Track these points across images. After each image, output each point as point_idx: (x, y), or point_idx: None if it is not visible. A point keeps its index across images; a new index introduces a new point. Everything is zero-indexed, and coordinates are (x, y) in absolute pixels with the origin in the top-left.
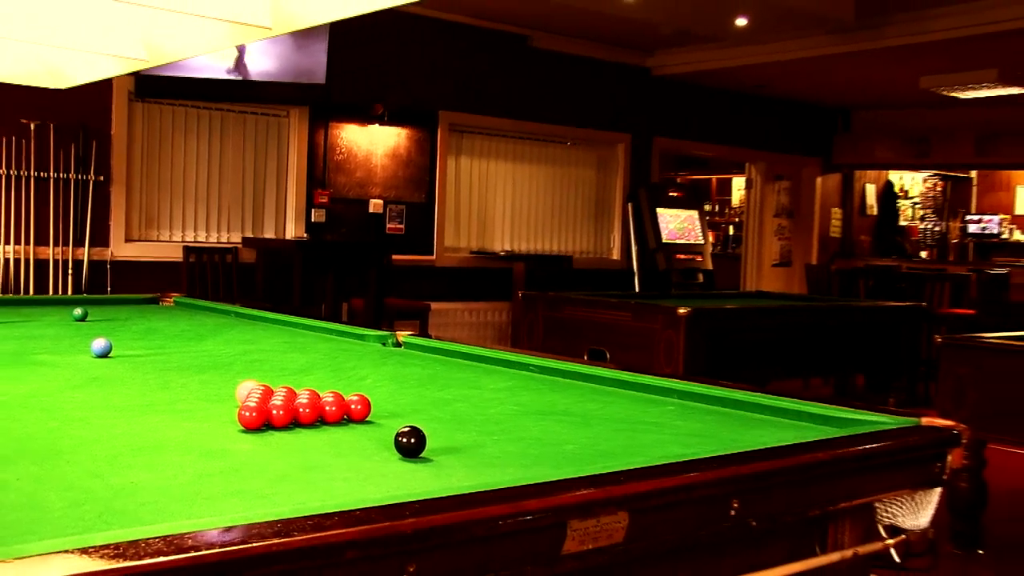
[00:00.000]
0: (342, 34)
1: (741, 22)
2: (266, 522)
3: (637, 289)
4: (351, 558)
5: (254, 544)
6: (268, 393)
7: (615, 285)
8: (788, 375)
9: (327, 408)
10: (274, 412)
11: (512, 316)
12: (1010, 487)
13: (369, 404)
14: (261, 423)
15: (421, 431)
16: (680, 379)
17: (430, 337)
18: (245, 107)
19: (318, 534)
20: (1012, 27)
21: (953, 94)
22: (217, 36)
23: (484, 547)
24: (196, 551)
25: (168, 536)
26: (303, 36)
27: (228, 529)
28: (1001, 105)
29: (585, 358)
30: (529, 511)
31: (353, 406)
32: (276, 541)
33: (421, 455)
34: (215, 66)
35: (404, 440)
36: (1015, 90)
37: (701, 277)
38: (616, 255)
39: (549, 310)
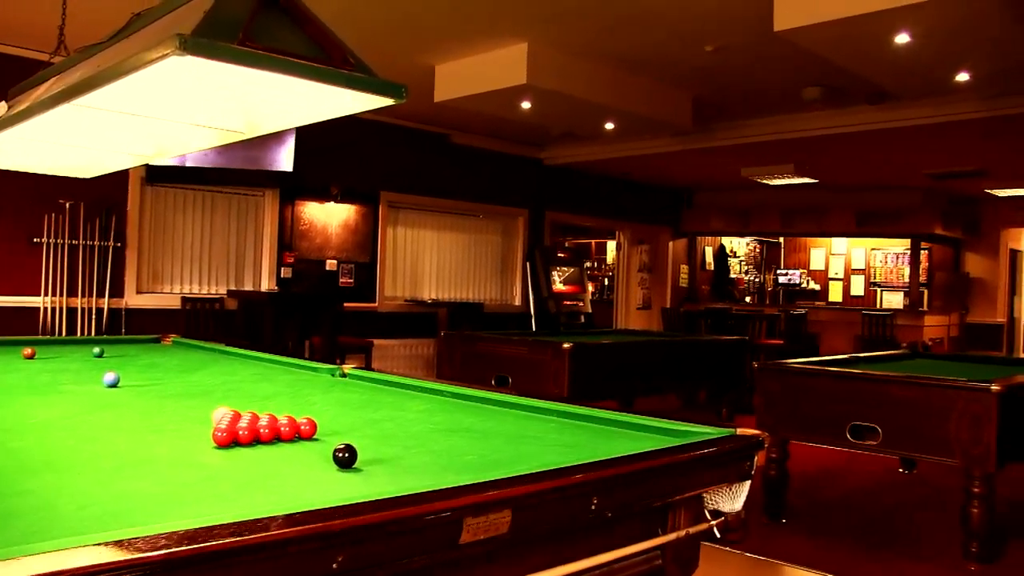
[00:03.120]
0: (305, 131)
1: (609, 126)
2: (225, 524)
3: (534, 328)
4: (293, 552)
5: (215, 542)
6: (237, 417)
7: (517, 325)
8: (649, 392)
9: (282, 429)
10: (240, 432)
11: (437, 350)
12: (804, 471)
13: (315, 425)
14: (230, 441)
15: (354, 447)
16: (559, 401)
17: (370, 369)
18: (230, 189)
19: (266, 533)
20: (802, 136)
21: (764, 181)
22: (203, 138)
23: (398, 540)
24: (167, 549)
25: (147, 536)
26: (279, 133)
27: (195, 530)
28: (798, 190)
29: (492, 384)
30: (433, 511)
31: (303, 427)
32: (231, 540)
33: (354, 466)
34: (208, 156)
35: (340, 454)
36: (806, 180)
37: (583, 318)
38: (518, 302)
39: (465, 345)
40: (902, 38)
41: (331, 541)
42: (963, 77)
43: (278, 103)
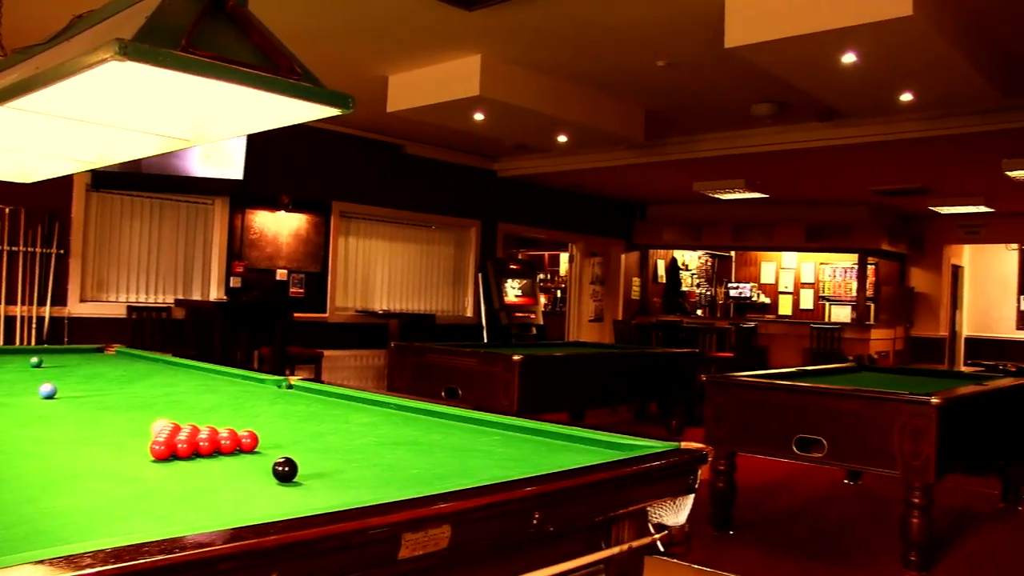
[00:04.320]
0: (257, 140)
1: (562, 139)
2: (155, 541)
3: (486, 340)
4: (224, 569)
5: (142, 560)
6: (176, 429)
7: (469, 337)
8: (600, 405)
9: (223, 441)
10: (179, 446)
11: (388, 361)
12: (753, 483)
13: (257, 438)
14: (168, 455)
15: (293, 461)
16: (506, 414)
17: (319, 380)
18: (179, 197)
19: (197, 551)
20: (753, 151)
21: (715, 195)
22: (149, 145)
23: (334, 556)
24: (91, 568)
25: (70, 556)
26: (228, 141)
27: (121, 548)
28: (749, 205)
29: (442, 396)
30: (370, 527)
31: (244, 440)
32: (160, 558)
33: (294, 480)
34: (157, 163)
35: (279, 468)
36: (757, 195)
37: (535, 330)
38: (470, 313)
39: (415, 357)
40: (849, 58)
41: (264, 558)
42: (907, 97)
43: (224, 111)
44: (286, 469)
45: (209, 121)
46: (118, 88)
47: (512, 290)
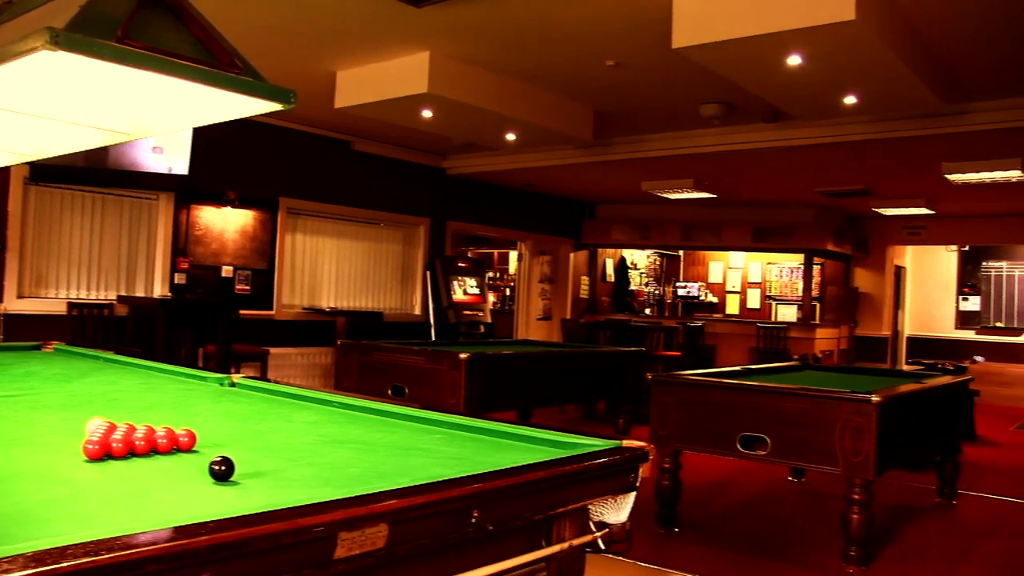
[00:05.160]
0: (203, 134)
1: (511, 137)
2: (80, 543)
3: (433, 338)
4: (152, 571)
5: (66, 564)
6: (111, 428)
7: (417, 335)
8: (548, 403)
9: (159, 440)
10: (113, 445)
11: (334, 359)
12: (698, 481)
13: (195, 436)
14: (102, 455)
15: (231, 460)
16: (449, 413)
17: (265, 379)
18: (122, 191)
19: (123, 552)
20: (701, 151)
21: (664, 195)
22: (88, 138)
23: (268, 556)
24: (11, 573)
25: None
26: (172, 135)
27: (44, 551)
28: (697, 205)
29: (389, 394)
30: (304, 527)
31: (181, 438)
32: (85, 560)
33: (231, 479)
34: (99, 156)
35: (216, 467)
36: (705, 195)
37: (483, 328)
38: (418, 311)
39: (362, 355)
40: (794, 60)
41: (195, 559)
42: (851, 100)
43: (163, 105)
44: (223, 468)
45: (148, 114)
46: (51, 79)
47: (460, 288)
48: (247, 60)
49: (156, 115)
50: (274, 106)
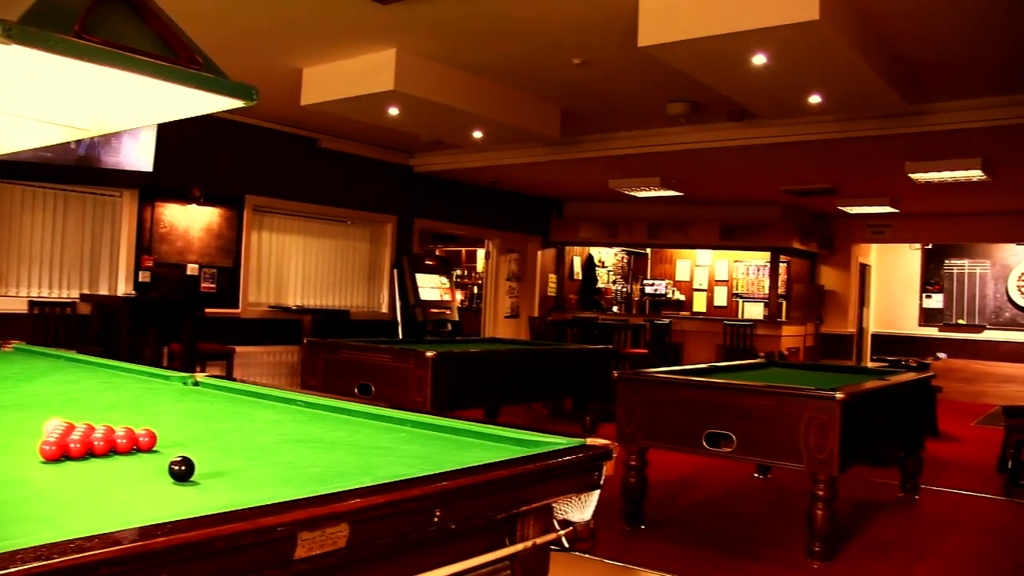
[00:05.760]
0: (168, 131)
1: (478, 135)
2: (31, 547)
3: (400, 336)
4: (108, 573)
5: (14, 569)
6: (69, 429)
7: (384, 333)
8: (515, 401)
9: (119, 441)
10: (72, 446)
11: (301, 358)
12: (665, 479)
13: (155, 436)
14: (60, 455)
15: (191, 460)
16: (414, 411)
17: (230, 378)
18: (85, 188)
19: (77, 555)
20: (668, 150)
21: (631, 193)
22: (47, 134)
23: (227, 557)
24: None
25: None
26: (135, 132)
27: None
28: (664, 203)
29: (355, 392)
30: (264, 527)
31: (141, 438)
32: (35, 565)
33: (191, 479)
34: (62, 153)
35: (175, 467)
36: (672, 193)
37: (450, 327)
38: (385, 309)
39: (329, 353)
40: (759, 59)
41: (153, 560)
42: (816, 99)
43: (122, 100)
44: (182, 468)
45: (107, 110)
46: (6, 73)
47: (428, 286)
48: (209, 56)
49: (116, 111)
50: (236, 103)
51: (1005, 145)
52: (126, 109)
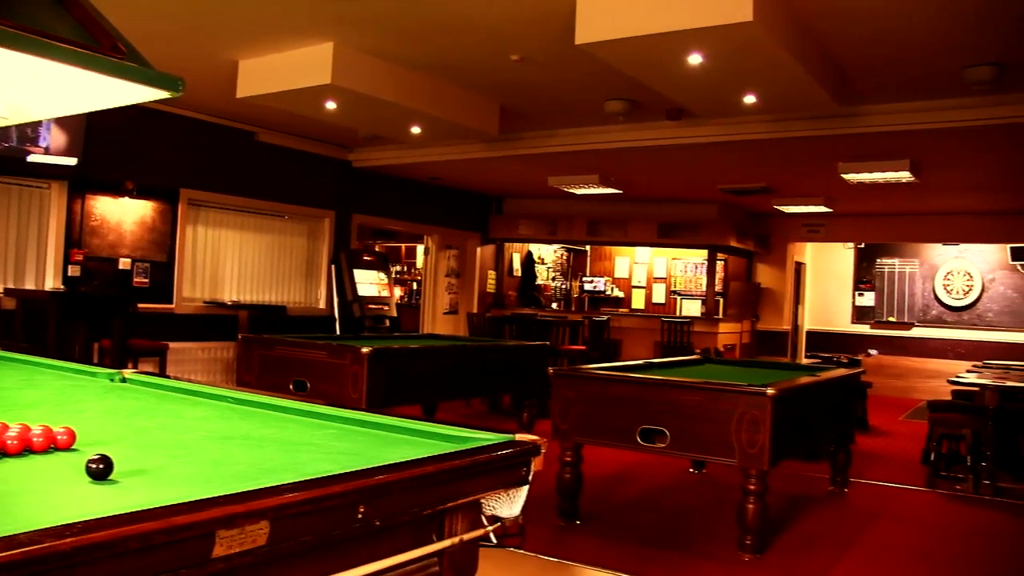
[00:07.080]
0: (98, 121)
1: (416, 131)
2: None
3: (338, 332)
4: None
5: None
6: None
7: (321, 329)
8: (453, 398)
9: (34, 439)
10: None
11: (236, 354)
12: (601, 474)
13: (74, 434)
14: None
15: (109, 458)
16: (346, 408)
17: (163, 374)
18: (10, 180)
19: None
20: (607, 147)
21: (570, 190)
22: None
23: (141, 557)
24: None
25: None
26: (64, 120)
27: None
28: (603, 201)
29: (291, 389)
30: (179, 525)
31: (59, 437)
32: None
33: (109, 478)
34: None
35: (93, 466)
36: (611, 190)
37: (388, 322)
38: (322, 305)
39: (264, 349)
40: (695, 59)
41: (61, 562)
42: (751, 99)
43: (41, 89)
44: (100, 467)
45: (26, 98)
46: None
47: (366, 282)
48: (134, 46)
49: (35, 99)
50: (161, 93)
51: (931, 148)
52: (46, 97)
